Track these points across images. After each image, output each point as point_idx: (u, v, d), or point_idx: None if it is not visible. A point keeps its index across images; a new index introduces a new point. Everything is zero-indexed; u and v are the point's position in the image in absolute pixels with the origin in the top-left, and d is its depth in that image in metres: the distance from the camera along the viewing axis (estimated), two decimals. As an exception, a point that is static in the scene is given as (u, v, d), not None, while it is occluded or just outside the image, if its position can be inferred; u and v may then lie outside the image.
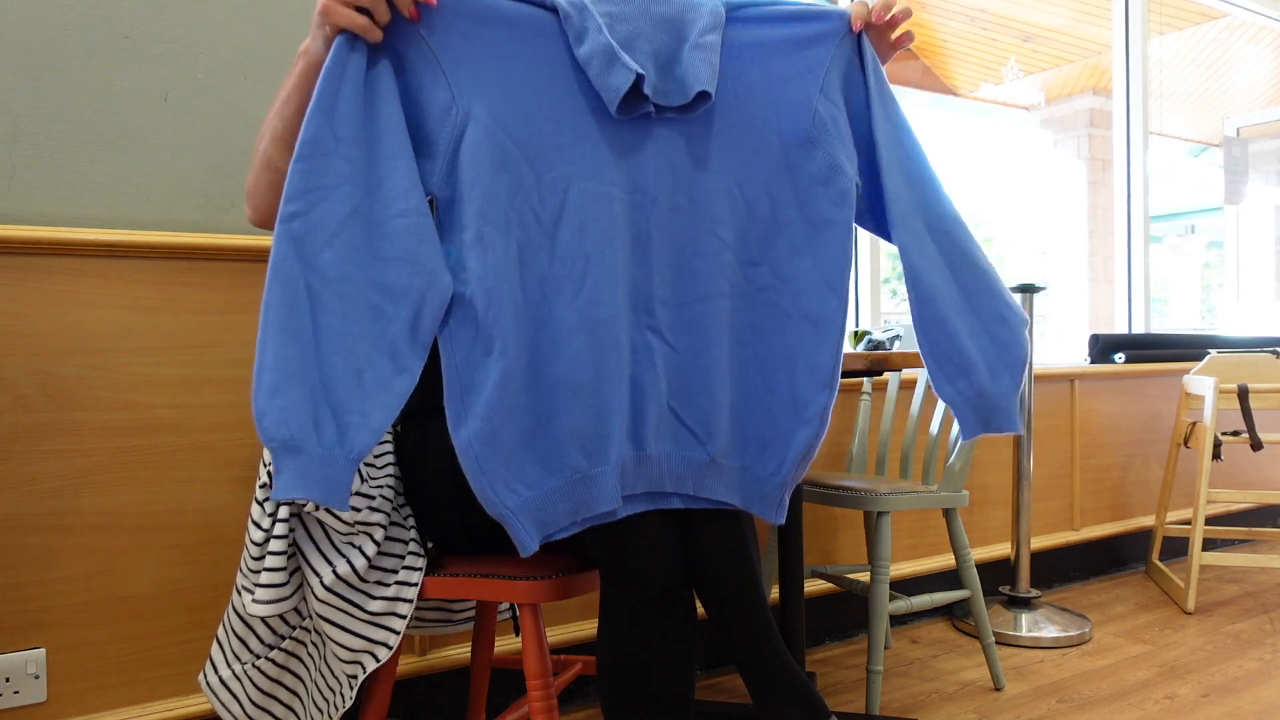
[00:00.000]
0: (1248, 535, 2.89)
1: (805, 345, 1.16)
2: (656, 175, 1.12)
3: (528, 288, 1.07)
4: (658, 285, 1.13)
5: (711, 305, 1.15)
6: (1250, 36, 4.67)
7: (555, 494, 1.06)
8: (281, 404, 0.94)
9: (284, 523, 1.21)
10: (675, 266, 1.14)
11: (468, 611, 1.53)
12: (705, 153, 1.15)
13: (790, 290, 1.17)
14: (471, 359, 1.03)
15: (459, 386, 1.03)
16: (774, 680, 1.14)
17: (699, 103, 1.12)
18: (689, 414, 1.14)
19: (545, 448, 1.07)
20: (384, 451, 1.33)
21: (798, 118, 1.16)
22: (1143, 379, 3.04)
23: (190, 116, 1.55)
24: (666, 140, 1.13)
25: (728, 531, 1.16)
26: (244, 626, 1.29)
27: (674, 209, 1.14)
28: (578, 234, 1.08)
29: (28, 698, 1.41)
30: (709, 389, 1.14)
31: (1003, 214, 7.15)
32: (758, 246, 1.17)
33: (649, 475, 1.12)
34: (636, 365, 1.11)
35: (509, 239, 1.06)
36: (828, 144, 1.16)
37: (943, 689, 1.93)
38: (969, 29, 4.91)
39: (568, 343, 1.07)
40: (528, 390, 1.06)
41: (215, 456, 1.54)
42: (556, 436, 1.06)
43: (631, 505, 1.11)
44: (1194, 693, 1.89)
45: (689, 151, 1.14)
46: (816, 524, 2.28)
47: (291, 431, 0.94)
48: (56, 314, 1.43)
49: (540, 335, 1.07)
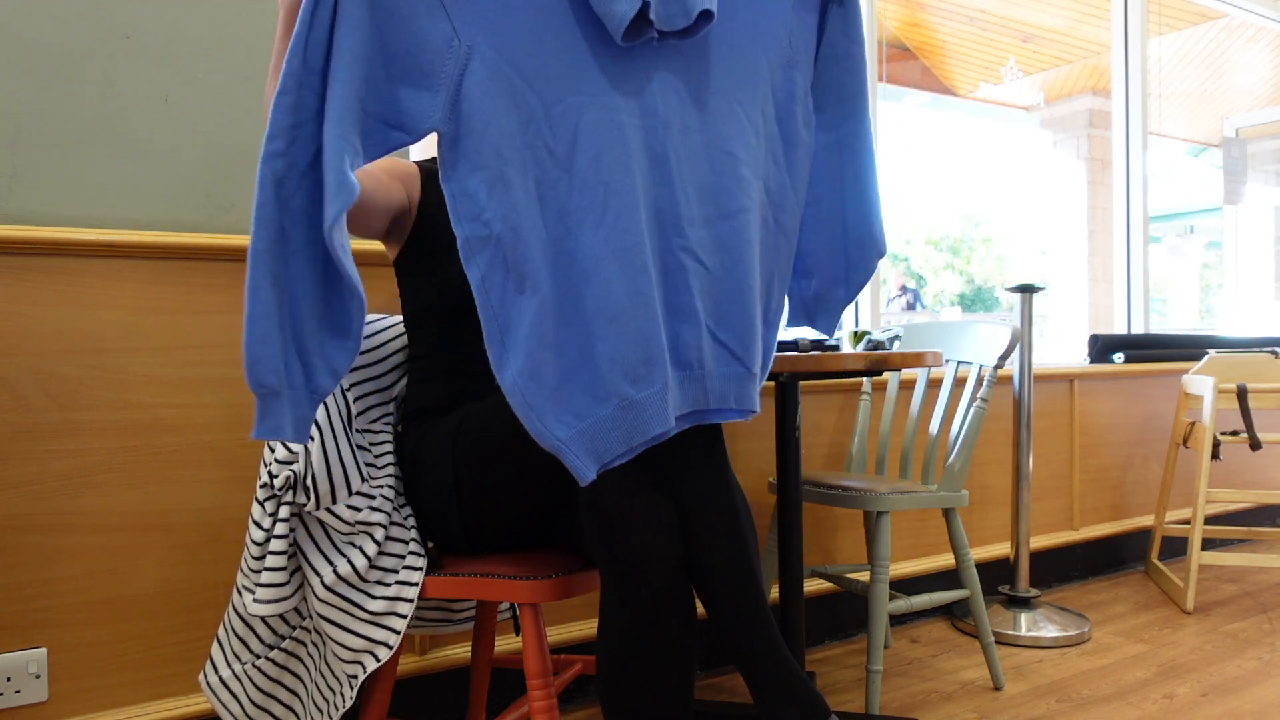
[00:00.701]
0: (1247, 535, 2.89)
1: (780, 256, 1.25)
2: (663, 99, 1.13)
3: (550, 223, 1.06)
4: (684, 205, 1.13)
5: (737, 221, 1.17)
6: (1249, 37, 4.67)
7: (606, 422, 1.06)
8: (270, 351, 0.96)
9: (284, 523, 1.21)
10: (698, 185, 1.15)
11: (468, 611, 1.53)
12: (705, 75, 1.17)
13: (773, 204, 1.23)
14: (505, 299, 1.04)
15: (497, 328, 1.04)
16: (774, 679, 1.15)
17: (700, 24, 1.12)
18: (725, 332, 1.17)
19: (590, 378, 1.06)
20: (384, 452, 1.34)
21: (776, 37, 1.22)
22: (1142, 379, 3.04)
23: (190, 116, 1.55)
24: (669, 64, 1.14)
25: (727, 530, 1.16)
26: (244, 626, 1.29)
27: (685, 130, 1.15)
28: (593, 163, 1.07)
29: (29, 697, 1.41)
30: (743, 304, 1.17)
31: (1002, 214, 7.15)
32: (758, 163, 1.22)
33: (693, 395, 1.14)
34: (670, 288, 1.12)
35: (526, 176, 1.05)
36: (801, 65, 1.24)
37: (942, 688, 1.93)
38: (969, 29, 4.91)
39: (597, 272, 1.06)
40: (565, 324, 1.06)
41: (215, 456, 1.55)
42: (599, 366, 1.06)
43: (680, 423, 1.12)
44: (1193, 692, 1.89)
45: (690, 74, 1.16)
46: (816, 524, 2.28)
47: (279, 377, 0.97)
48: (56, 314, 1.43)
49: (571, 269, 1.07)
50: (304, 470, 1.21)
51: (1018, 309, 2.29)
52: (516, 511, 1.26)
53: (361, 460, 1.27)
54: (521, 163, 1.05)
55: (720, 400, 1.15)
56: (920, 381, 2.13)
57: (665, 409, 1.08)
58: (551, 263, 1.06)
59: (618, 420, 1.06)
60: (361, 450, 1.29)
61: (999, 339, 1.91)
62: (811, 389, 2.27)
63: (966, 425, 1.89)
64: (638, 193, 1.09)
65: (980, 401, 1.90)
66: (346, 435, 1.26)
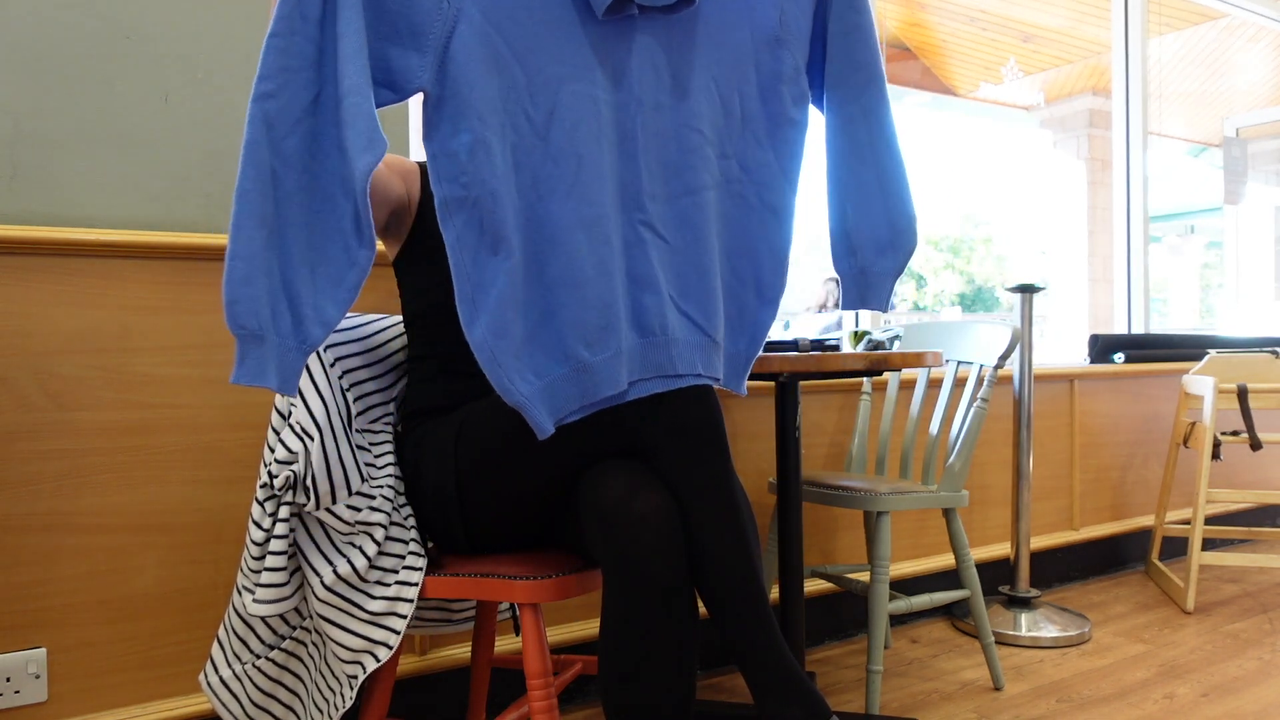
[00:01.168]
0: (1247, 535, 2.89)
1: (767, 232, 1.27)
2: (640, 74, 1.16)
3: (523, 189, 1.10)
4: (646, 181, 1.17)
5: (699, 198, 1.21)
6: (1250, 36, 4.67)
7: (562, 381, 1.11)
8: (252, 293, 0.96)
9: (284, 523, 1.21)
10: (662, 163, 1.19)
11: (468, 611, 1.53)
12: (685, 51, 1.19)
13: (754, 182, 1.26)
14: (479, 259, 1.07)
15: (470, 286, 1.06)
16: (775, 678, 1.14)
17: (682, 3, 1.14)
18: (688, 303, 1.20)
19: (550, 340, 1.11)
20: (384, 452, 1.34)
21: (768, 15, 1.23)
22: (1142, 379, 3.04)
23: (190, 116, 1.55)
24: (649, 39, 1.16)
25: (729, 529, 1.16)
26: (244, 626, 1.29)
27: (658, 107, 1.18)
28: (569, 135, 1.11)
29: (28, 697, 1.41)
30: (705, 277, 1.21)
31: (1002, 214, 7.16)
32: (729, 140, 1.24)
33: (658, 360, 1.17)
34: (631, 259, 1.16)
35: (504, 142, 1.08)
36: (792, 45, 1.25)
37: (942, 689, 1.93)
38: (969, 29, 4.91)
39: (564, 241, 1.10)
40: (530, 286, 1.10)
41: (215, 456, 1.54)
42: (559, 330, 1.11)
43: (646, 386, 1.16)
44: (1193, 692, 1.89)
45: (670, 50, 1.18)
46: (816, 524, 2.28)
47: (260, 321, 0.97)
48: (56, 314, 1.43)
49: (539, 235, 1.10)
50: (304, 470, 1.21)
51: (1018, 309, 2.29)
52: (516, 511, 1.26)
53: (361, 460, 1.27)
54: (501, 128, 1.07)
55: (689, 366, 1.19)
56: (920, 381, 2.13)
57: (618, 374, 1.13)
58: (522, 228, 1.09)
59: (573, 380, 1.11)
60: (361, 450, 1.29)
61: (999, 339, 1.91)
62: (812, 389, 2.27)
63: (967, 425, 1.89)
64: (605, 167, 1.13)
65: (980, 401, 1.90)
66: (346, 435, 1.26)
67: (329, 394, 1.27)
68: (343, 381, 1.30)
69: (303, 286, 1.00)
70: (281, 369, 0.99)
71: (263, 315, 0.97)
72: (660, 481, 1.15)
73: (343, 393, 1.29)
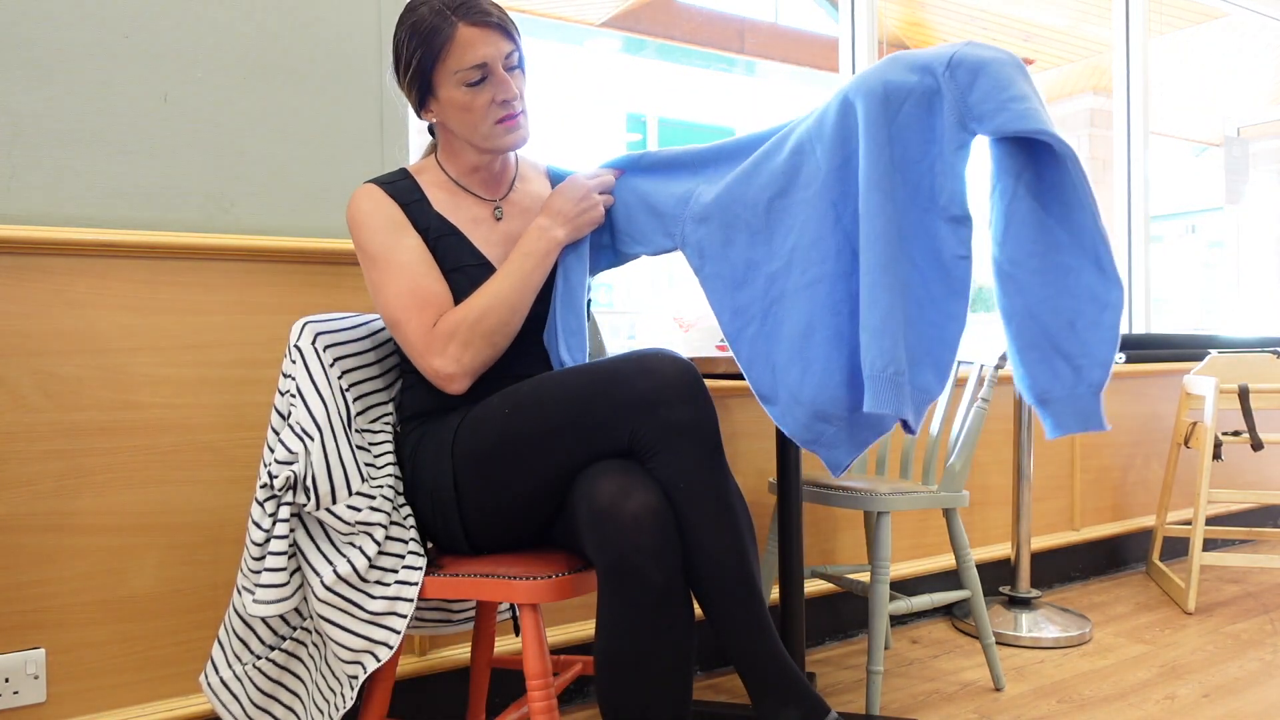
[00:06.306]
0: (1248, 535, 2.89)
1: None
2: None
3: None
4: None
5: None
6: (1251, 35, 4.66)
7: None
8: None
9: (284, 523, 1.21)
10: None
11: (468, 611, 1.53)
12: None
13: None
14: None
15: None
16: (771, 680, 1.14)
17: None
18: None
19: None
20: (384, 452, 1.33)
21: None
22: (1143, 379, 3.04)
23: (190, 116, 1.55)
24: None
25: (725, 531, 1.16)
26: (245, 627, 1.29)
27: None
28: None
29: (27, 698, 1.41)
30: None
31: (1003, 214, 7.11)
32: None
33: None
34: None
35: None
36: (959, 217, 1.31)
37: (943, 689, 1.93)
38: (969, 29, 4.91)
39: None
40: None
41: (215, 456, 1.54)
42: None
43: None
44: (1194, 693, 1.89)
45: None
46: (816, 524, 2.28)
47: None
48: (56, 314, 1.43)
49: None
50: (304, 470, 1.21)
51: (1019, 309, 2.29)
52: (514, 512, 1.26)
53: (361, 460, 1.27)
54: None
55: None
56: (921, 381, 2.13)
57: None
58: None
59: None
60: (361, 450, 1.29)
61: (999, 339, 1.90)
62: (812, 389, 2.26)
63: (967, 425, 1.89)
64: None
65: (981, 402, 1.89)
66: (346, 435, 1.26)
67: (329, 394, 1.27)
68: (342, 381, 1.30)
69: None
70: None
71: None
72: (654, 482, 1.15)
73: (343, 393, 1.29)
